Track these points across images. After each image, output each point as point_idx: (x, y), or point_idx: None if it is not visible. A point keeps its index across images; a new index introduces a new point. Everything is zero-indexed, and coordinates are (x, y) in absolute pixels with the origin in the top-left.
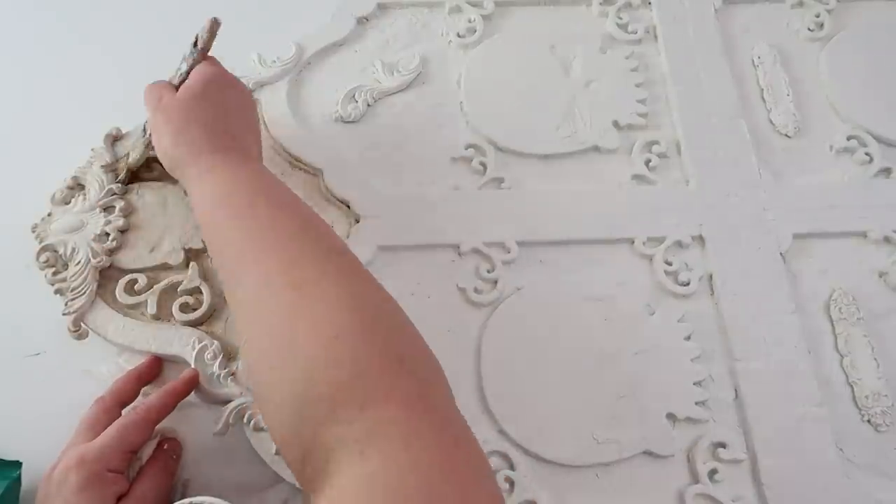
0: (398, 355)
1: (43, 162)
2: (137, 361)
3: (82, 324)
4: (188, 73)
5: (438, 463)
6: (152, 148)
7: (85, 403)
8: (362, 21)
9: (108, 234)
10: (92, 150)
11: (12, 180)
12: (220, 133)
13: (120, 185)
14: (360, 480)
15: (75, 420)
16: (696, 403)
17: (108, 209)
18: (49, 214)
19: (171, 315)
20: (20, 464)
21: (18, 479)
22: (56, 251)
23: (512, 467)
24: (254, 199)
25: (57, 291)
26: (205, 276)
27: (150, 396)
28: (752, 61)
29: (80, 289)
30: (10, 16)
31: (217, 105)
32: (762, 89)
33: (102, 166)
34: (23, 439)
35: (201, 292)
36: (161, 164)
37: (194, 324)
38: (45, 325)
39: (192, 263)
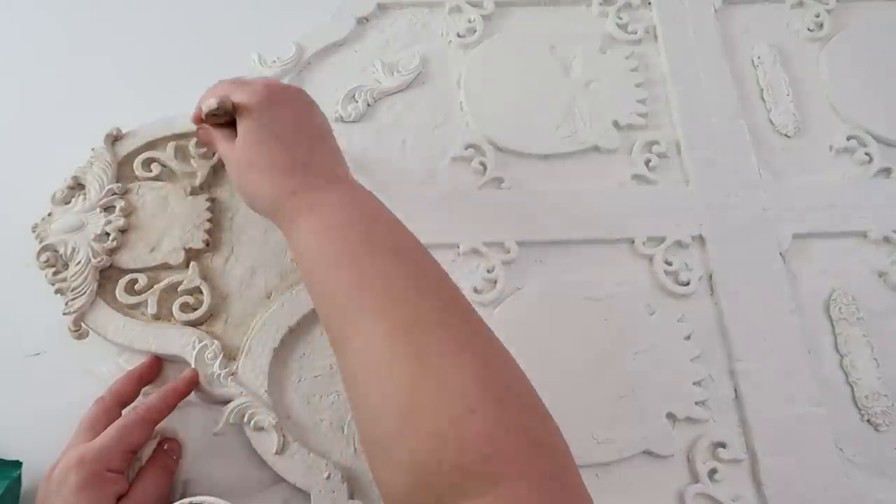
0: (534, 434)
1: (43, 162)
2: (137, 361)
3: (83, 324)
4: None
5: None
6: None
7: (85, 403)
8: (362, 21)
9: (108, 234)
10: (92, 149)
11: (12, 180)
12: (288, 169)
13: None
14: None
15: (75, 420)
16: (696, 403)
17: (108, 209)
18: (49, 214)
19: (172, 315)
20: (20, 464)
21: (18, 479)
22: (56, 251)
23: None
24: (352, 250)
25: (57, 291)
26: (205, 275)
27: (150, 396)
28: (752, 61)
29: (80, 289)
30: (9, 15)
31: (271, 138)
32: (762, 89)
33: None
34: (23, 439)
35: (201, 292)
36: (160, 163)
37: (194, 323)
38: (46, 325)
39: (192, 263)
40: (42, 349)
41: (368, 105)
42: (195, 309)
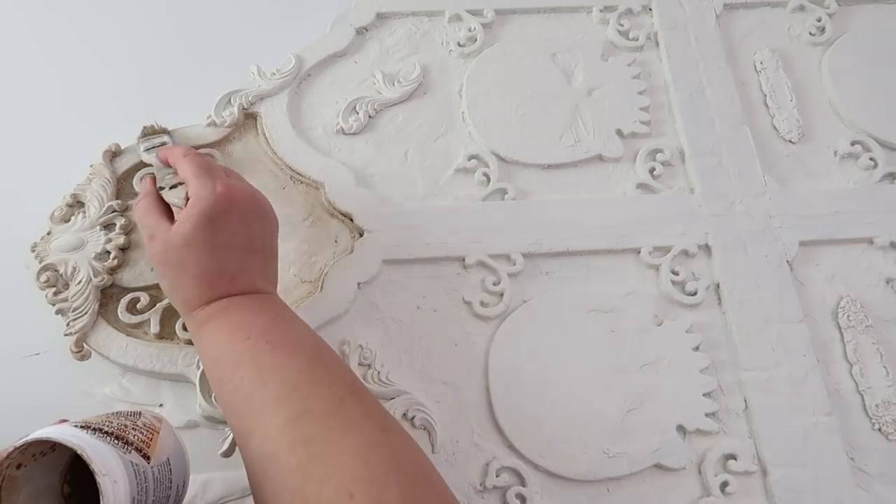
0: None
1: (41, 179)
2: (140, 381)
3: (84, 344)
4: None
5: None
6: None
7: (85, 405)
8: (361, 31)
9: (108, 253)
10: (91, 166)
11: (10, 198)
12: (214, 280)
13: None
14: None
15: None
16: (706, 415)
17: (108, 227)
18: (48, 233)
19: (175, 334)
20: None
21: None
22: (56, 270)
23: (523, 483)
24: (252, 349)
25: (58, 311)
26: None
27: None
28: (755, 66)
29: (81, 309)
30: (7, 33)
31: (210, 247)
32: (765, 95)
33: None
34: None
35: None
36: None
37: None
38: (46, 326)
39: None
40: (42, 349)
41: (370, 116)
42: None
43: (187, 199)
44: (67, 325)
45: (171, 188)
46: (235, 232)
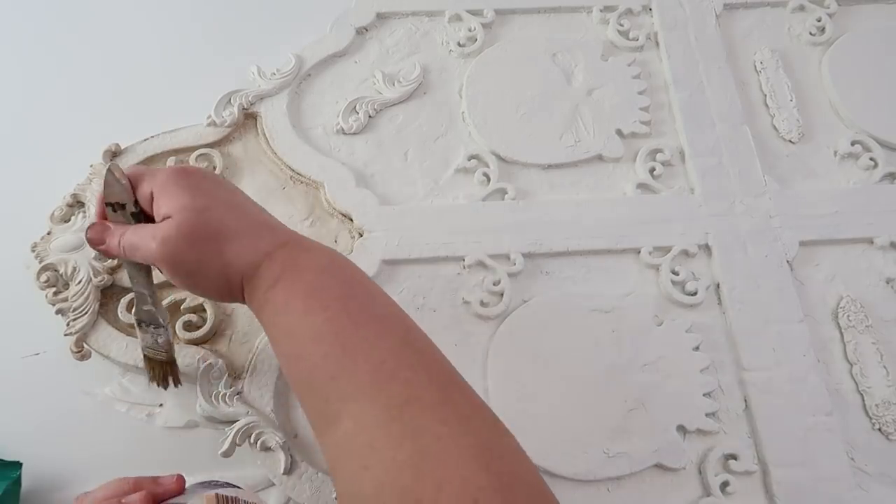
0: None
1: (41, 179)
2: (140, 381)
3: (84, 344)
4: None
5: None
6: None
7: (85, 404)
8: (361, 31)
9: None
10: (91, 166)
11: (10, 198)
12: (255, 230)
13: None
14: None
15: (75, 421)
16: (707, 415)
17: None
18: (48, 233)
19: (175, 334)
20: (20, 464)
21: (18, 479)
22: (56, 270)
23: None
24: (332, 322)
25: (58, 311)
26: None
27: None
28: (755, 66)
29: (81, 308)
30: (7, 33)
31: (224, 204)
32: (765, 95)
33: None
34: (23, 440)
35: (205, 310)
36: None
37: (198, 342)
38: (46, 326)
39: None
40: (42, 349)
41: (370, 116)
42: (199, 327)
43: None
44: (67, 325)
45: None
46: (225, 186)
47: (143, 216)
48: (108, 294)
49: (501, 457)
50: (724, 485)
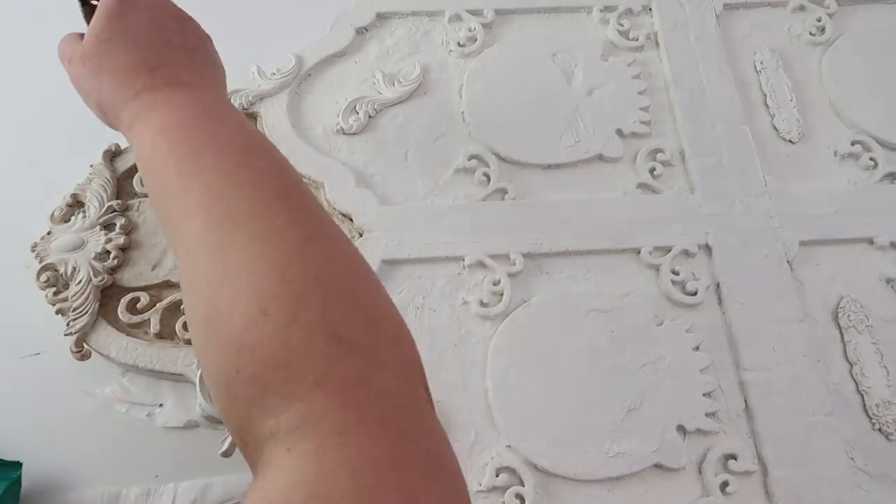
0: (335, 333)
1: (41, 179)
2: (140, 381)
3: (84, 344)
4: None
5: (376, 461)
6: None
7: (85, 405)
8: (361, 31)
9: (108, 253)
10: (91, 166)
11: (10, 198)
12: (132, 70)
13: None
14: (286, 481)
15: (75, 421)
16: (707, 415)
17: (108, 227)
18: (49, 233)
19: (175, 334)
20: (20, 464)
21: (18, 479)
22: (56, 270)
23: (521, 483)
24: (177, 151)
25: (58, 311)
26: None
27: None
28: (755, 66)
29: (81, 308)
30: (7, 32)
31: (123, 39)
32: (765, 95)
33: None
34: (23, 439)
35: None
36: None
37: None
38: (46, 326)
39: None
40: (42, 349)
41: (370, 116)
42: None
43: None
44: (67, 324)
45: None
46: (148, 24)
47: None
48: (108, 294)
49: (304, 266)
50: (724, 485)
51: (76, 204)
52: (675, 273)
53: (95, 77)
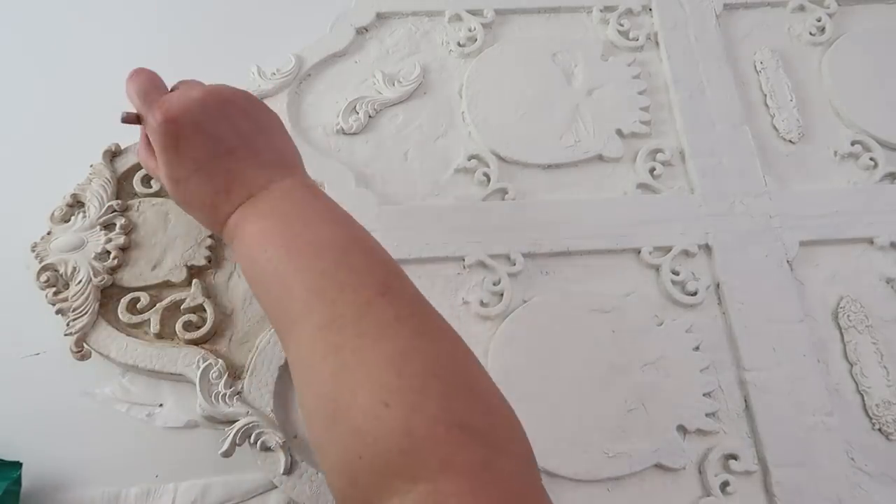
0: (456, 420)
1: (41, 179)
2: (140, 381)
3: (84, 344)
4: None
5: None
6: None
7: (85, 405)
8: (361, 31)
9: (108, 253)
10: (91, 166)
11: (10, 198)
12: (212, 204)
13: None
14: None
15: (75, 421)
16: (707, 415)
17: (108, 227)
18: (48, 233)
19: (175, 334)
20: (20, 464)
21: (18, 479)
22: (56, 270)
23: None
24: (273, 260)
25: (58, 311)
26: (208, 293)
27: None
28: (755, 66)
29: (81, 309)
30: (5, 32)
31: (184, 178)
32: (765, 95)
33: None
34: (23, 439)
35: (204, 310)
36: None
37: (198, 342)
38: (46, 326)
39: (194, 281)
40: (42, 349)
41: (370, 116)
42: (199, 327)
43: None
44: (67, 325)
45: None
46: (204, 143)
47: None
48: (108, 294)
49: (419, 360)
50: (724, 485)
51: (76, 204)
52: (675, 273)
53: (187, 209)
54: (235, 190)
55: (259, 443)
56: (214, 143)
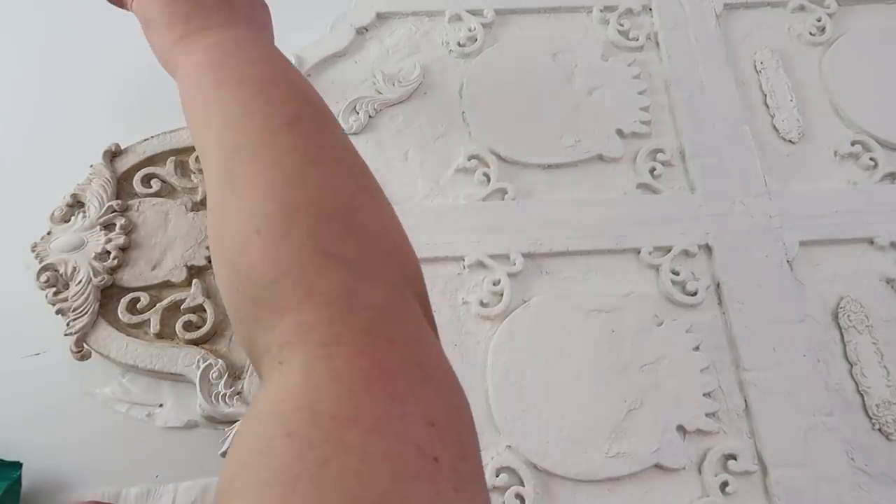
0: (322, 247)
1: (41, 179)
2: (140, 381)
3: (84, 344)
4: None
5: (361, 369)
6: None
7: (85, 405)
8: (361, 31)
9: (108, 253)
10: (91, 166)
11: (11, 197)
12: (169, 22)
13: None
14: (275, 395)
15: (75, 421)
16: (707, 415)
17: (108, 227)
18: (49, 233)
19: (175, 334)
20: (20, 464)
21: (18, 479)
22: (56, 270)
23: (521, 483)
24: (203, 89)
25: (58, 311)
26: (207, 293)
27: None
28: (755, 66)
29: (81, 309)
30: (6, 32)
31: None
32: (765, 95)
33: None
34: (23, 439)
35: (205, 310)
36: (160, 179)
37: (198, 342)
38: (46, 326)
39: (194, 281)
40: (42, 349)
41: (370, 116)
42: (199, 327)
43: None
44: (67, 325)
45: None
46: None
47: None
48: (108, 294)
49: (300, 189)
50: (724, 485)
51: (76, 204)
52: (676, 273)
53: (147, 32)
54: (194, 19)
55: None
56: None
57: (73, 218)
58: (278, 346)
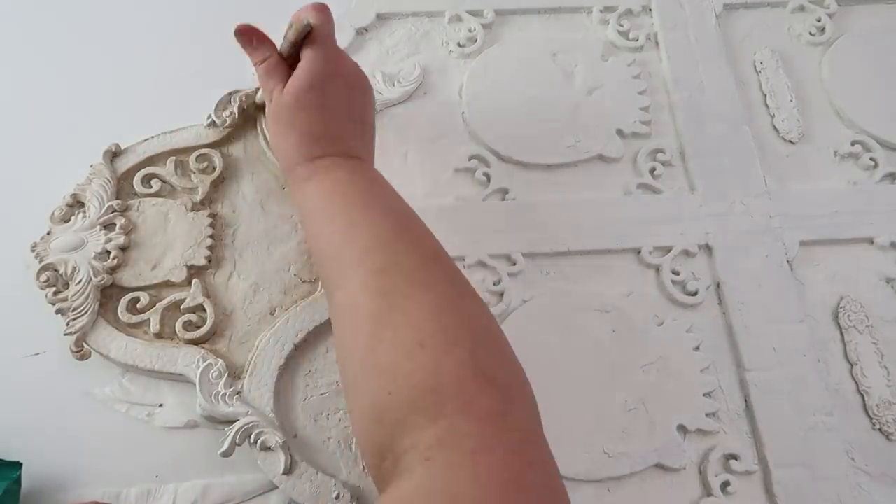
0: (481, 369)
1: (41, 179)
2: (140, 381)
3: (84, 344)
4: (292, 46)
5: (503, 482)
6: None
7: (85, 405)
8: (361, 32)
9: (108, 252)
10: (91, 166)
11: (11, 197)
12: (318, 138)
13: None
14: (420, 486)
15: (75, 421)
16: (707, 415)
17: (108, 226)
18: (48, 233)
19: (175, 334)
20: (20, 464)
21: (18, 479)
22: (56, 270)
23: None
24: (348, 205)
25: (58, 311)
26: (207, 293)
27: None
28: (755, 66)
29: (81, 308)
30: (6, 32)
31: (318, 108)
32: (765, 95)
33: None
34: (23, 439)
35: (204, 310)
36: (160, 179)
37: (198, 342)
38: (46, 326)
39: (194, 280)
40: (42, 349)
41: None
42: (199, 327)
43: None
44: (67, 324)
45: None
46: (340, 97)
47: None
48: (108, 294)
49: (457, 315)
50: (725, 485)
51: (76, 204)
52: (676, 273)
53: (286, 129)
54: (339, 143)
55: (259, 443)
56: (348, 104)
57: (73, 218)
58: (427, 446)
